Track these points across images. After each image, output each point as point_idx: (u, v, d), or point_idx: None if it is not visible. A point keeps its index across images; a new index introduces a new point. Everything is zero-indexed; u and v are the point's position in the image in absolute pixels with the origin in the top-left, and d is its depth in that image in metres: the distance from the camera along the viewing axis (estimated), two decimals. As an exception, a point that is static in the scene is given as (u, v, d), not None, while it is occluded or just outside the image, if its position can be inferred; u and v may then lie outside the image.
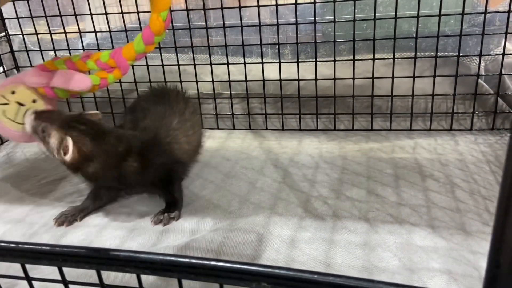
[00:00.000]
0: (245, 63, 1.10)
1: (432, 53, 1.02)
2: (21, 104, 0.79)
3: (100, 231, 0.75)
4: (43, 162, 1.06)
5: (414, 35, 0.98)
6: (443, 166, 0.88)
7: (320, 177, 0.88)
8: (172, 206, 0.78)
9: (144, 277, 0.40)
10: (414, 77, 1.01)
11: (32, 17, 1.18)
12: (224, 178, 0.90)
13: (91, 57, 0.79)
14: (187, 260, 0.38)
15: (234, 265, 0.37)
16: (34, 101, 0.80)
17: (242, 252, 0.66)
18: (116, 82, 1.19)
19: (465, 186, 0.80)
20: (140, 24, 1.12)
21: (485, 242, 0.65)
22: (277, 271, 0.37)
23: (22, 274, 0.43)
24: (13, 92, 0.79)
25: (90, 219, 0.79)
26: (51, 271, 0.61)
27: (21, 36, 1.22)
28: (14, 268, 0.43)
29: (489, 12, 0.94)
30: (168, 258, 0.38)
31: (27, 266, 0.42)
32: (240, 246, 0.68)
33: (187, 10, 1.07)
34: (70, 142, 0.69)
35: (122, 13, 1.11)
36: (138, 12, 1.10)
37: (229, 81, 1.13)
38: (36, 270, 0.62)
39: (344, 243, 0.67)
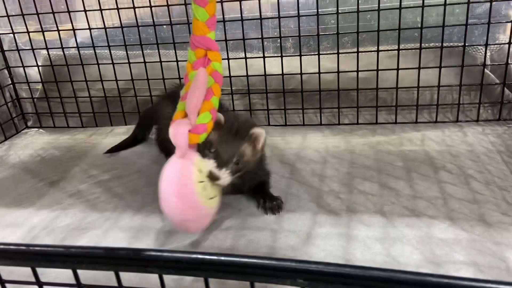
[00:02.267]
0: (246, 58, 1.07)
1: (437, 44, 1.00)
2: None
3: (105, 234, 0.72)
4: (39, 164, 1.02)
5: (419, 26, 0.97)
6: (454, 158, 0.86)
7: (330, 172, 0.85)
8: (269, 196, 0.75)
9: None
10: (419, 68, 1.00)
11: (23, 14, 1.13)
12: (230, 176, 0.87)
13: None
14: (215, 257, 0.35)
15: (267, 261, 0.34)
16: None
17: (257, 250, 0.64)
18: (113, 80, 1.16)
19: (479, 177, 0.78)
20: (137, 20, 1.08)
21: (507, 233, 0.63)
22: (314, 266, 0.34)
23: (28, 279, 0.40)
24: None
25: (93, 221, 0.76)
26: (56, 276, 0.58)
27: (12, 35, 1.18)
28: (17, 273, 0.40)
29: (495, 0, 0.92)
30: (195, 256, 0.35)
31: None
32: (254, 244, 0.65)
33: (186, 4, 1.04)
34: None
35: (118, 8, 1.08)
36: (134, 8, 1.06)
37: (230, 76, 1.11)
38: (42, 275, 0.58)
39: (362, 238, 0.64)
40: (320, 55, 1.03)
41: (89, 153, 1.05)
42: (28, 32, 1.16)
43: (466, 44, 0.97)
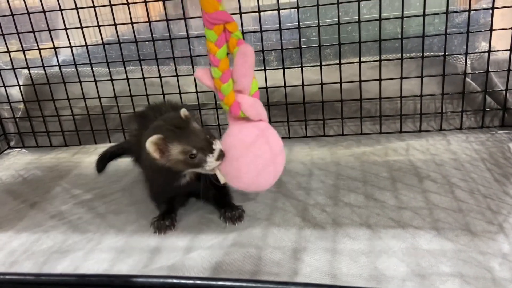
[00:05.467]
0: (229, 72, 1.07)
1: (418, 54, 1.01)
2: None
3: (86, 255, 0.70)
4: (21, 185, 1.00)
5: (399, 36, 0.97)
6: (439, 166, 0.86)
7: (315, 185, 0.85)
8: (230, 206, 0.76)
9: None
10: (401, 78, 1.00)
11: (3, 34, 1.12)
12: (215, 192, 0.86)
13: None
14: (191, 281, 0.34)
15: (244, 284, 0.34)
16: None
17: (242, 268, 0.62)
18: (96, 98, 1.15)
19: (464, 185, 0.78)
20: (118, 37, 1.08)
21: (493, 242, 0.62)
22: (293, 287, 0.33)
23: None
24: None
25: (75, 243, 0.74)
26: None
27: (-8, 54, 1.17)
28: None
29: (473, 10, 0.94)
30: (171, 281, 0.34)
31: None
32: (239, 262, 0.64)
33: (167, 20, 1.04)
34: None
35: (99, 26, 1.07)
36: (115, 24, 1.06)
37: (214, 91, 1.10)
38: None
39: (348, 251, 0.63)
40: (303, 68, 1.03)
41: (72, 172, 1.04)
42: (8, 51, 1.14)
43: (447, 54, 0.98)
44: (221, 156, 0.65)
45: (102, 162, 1.01)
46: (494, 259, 0.59)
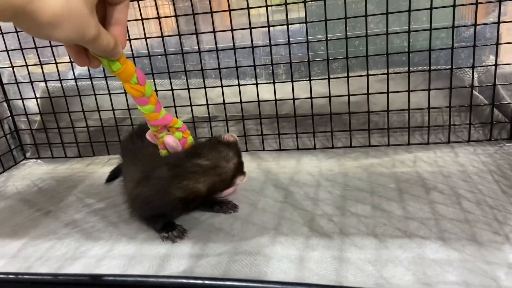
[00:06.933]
0: (239, 85, 1.10)
1: (425, 67, 1.03)
2: None
3: (99, 262, 0.72)
4: (36, 194, 1.03)
5: (406, 50, 0.99)
6: (446, 178, 0.87)
7: (323, 195, 0.86)
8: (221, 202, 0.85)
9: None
10: (409, 91, 1.02)
11: (22, 49, 1.17)
12: (224, 201, 0.88)
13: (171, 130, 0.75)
14: (200, 281, 0.35)
15: (251, 284, 0.35)
16: None
17: (249, 275, 0.63)
18: (109, 110, 1.18)
19: (471, 196, 0.79)
20: (132, 51, 1.11)
21: (499, 252, 0.63)
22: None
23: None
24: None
25: (87, 250, 0.76)
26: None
27: (11, 68, 1.21)
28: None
29: (480, 24, 0.95)
30: (180, 281, 0.35)
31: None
32: (247, 269, 0.65)
33: (179, 35, 1.07)
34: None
35: (114, 40, 1.10)
36: (129, 40, 1.10)
37: (224, 103, 1.13)
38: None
39: (355, 260, 0.64)
40: (312, 81, 1.05)
41: (85, 182, 1.06)
42: (27, 65, 1.19)
43: (453, 67, 0.99)
44: None
45: (114, 173, 1.04)
46: (500, 268, 0.59)
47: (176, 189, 0.71)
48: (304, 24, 1.02)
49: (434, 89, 1.01)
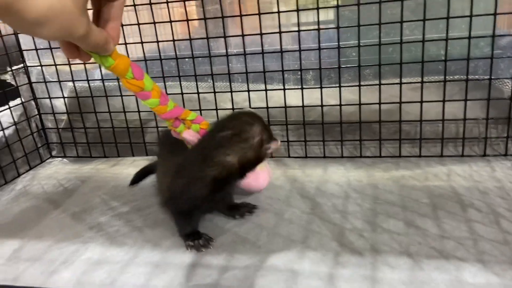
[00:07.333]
0: (266, 90, 1.07)
1: (462, 77, 0.98)
2: None
3: (124, 268, 0.71)
4: (62, 194, 1.03)
5: (443, 58, 0.95)
6: (483, 195, 0.83)
7: (352, 208, 0.83)
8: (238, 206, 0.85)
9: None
10: (444, 101, 0.98)
11: (51, 48, 1.17)
12: (250, 210, 0.86)
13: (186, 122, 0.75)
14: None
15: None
16: None
17: (277, 291, 0.62)
18: (135, 111, 1.18)
19: (510, 216, 0.75)
20: (160, 54, 1.10)
21: (544, 279, 0.59)
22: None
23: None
24: None
25: (112, 255, 0.75)
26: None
27: (39, 67, 1.22)
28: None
29: (522, 33, 0.91)
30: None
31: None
32: (274, 285, 0.63)
33: (207, 38, 1.06)
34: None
35: (142, 42, 1.10)
36: (158, 41, 1.09)
37: (250, 108, 1.11)
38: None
39: (388, 281, 0.61)
40: (341, 87, 1.02)
41: (110, 183, 1.06)
42: (55, 64, 1.19)
43: (492, 77, 0.95)
44: None
45: (139, 176, 1.03)
46: (546, 298, 0.56)
47: (209, 169, 0.69)
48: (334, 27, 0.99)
49: (471, 99, 0.97)
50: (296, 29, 0.99)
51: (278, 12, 0.98)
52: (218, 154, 0.69)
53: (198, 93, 1.12)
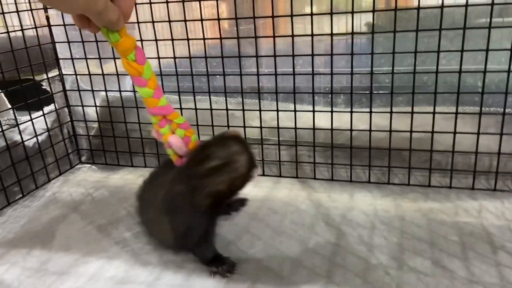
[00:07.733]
0: (295, 111, 1.07)
1: (498, 109, 0.95)
2: None
3: (147, 291, 0.72)
4: (89, 204, 1.05)
5: (480, 90, 0.93)
6: (515, 236, 0.80)
7: (378, 240, 0.82)
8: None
9: None
10: (478, 133, 0.95)
11: (86, 58, 1.20)
12: (273, 235, 0.86)
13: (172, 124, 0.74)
14: None
15: None
16: None
17: (299, 329, 0.61)
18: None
19: (544, 262, 0.72)
20: (192, 69, 1.11)
21: None
22: None
23: None
24: None
25: (137, 274, 0.76)
26: None
27: (74, 76, 1.25)
28: None
29: None
30: None
31: None
32: (296, 321, 0.63)
33: (240, 56, 1.06)
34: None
35: (175, 58, 1.11)
36: (190, 58, 1.10)
37: (278, 127, 1.10)
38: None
39: (413, 327, 0.60)
40: (372, 113, 1.01)
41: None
42: (89, 74, 1.22)
43: (531, 112, 0.92)
44: None
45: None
46: None
47: (202, 199, 0.70)
48: (366, 45, 0.97)
49: (506, 134, 0.94)
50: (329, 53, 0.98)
51: (312, 35, 0.97)
52: (209, 184, 0.69)
53: (227, 109, 1.13)
